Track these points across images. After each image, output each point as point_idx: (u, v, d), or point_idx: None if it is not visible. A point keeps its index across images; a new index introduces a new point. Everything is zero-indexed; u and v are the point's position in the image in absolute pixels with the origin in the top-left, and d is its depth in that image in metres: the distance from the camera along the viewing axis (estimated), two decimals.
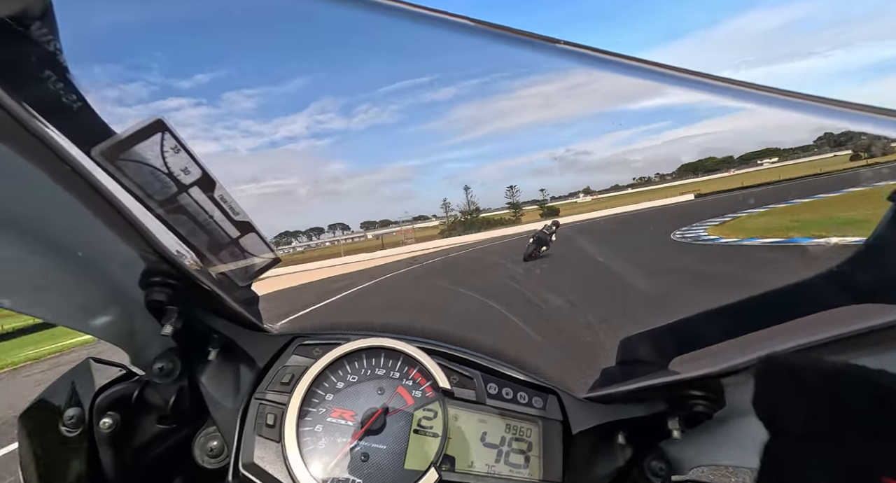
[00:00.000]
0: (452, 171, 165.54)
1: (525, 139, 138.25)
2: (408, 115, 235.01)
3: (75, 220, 0.43)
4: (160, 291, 0.57)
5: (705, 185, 29.31)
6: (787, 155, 28.38)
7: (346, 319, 0.87)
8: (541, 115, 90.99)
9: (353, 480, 0.60)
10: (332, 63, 22.96)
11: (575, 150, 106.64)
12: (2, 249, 0.45)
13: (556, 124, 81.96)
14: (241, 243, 0.59)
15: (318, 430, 0.64)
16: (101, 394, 0.65)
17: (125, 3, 0.44)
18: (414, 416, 0.66)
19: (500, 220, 32.64)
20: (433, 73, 48.97)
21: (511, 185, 30.94)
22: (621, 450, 0.68)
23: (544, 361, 1.10)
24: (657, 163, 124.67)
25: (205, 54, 10.54)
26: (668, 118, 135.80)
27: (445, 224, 30.76)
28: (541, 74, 0.54)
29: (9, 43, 0.31)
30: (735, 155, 34.24)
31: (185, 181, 0.49)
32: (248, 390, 0.67)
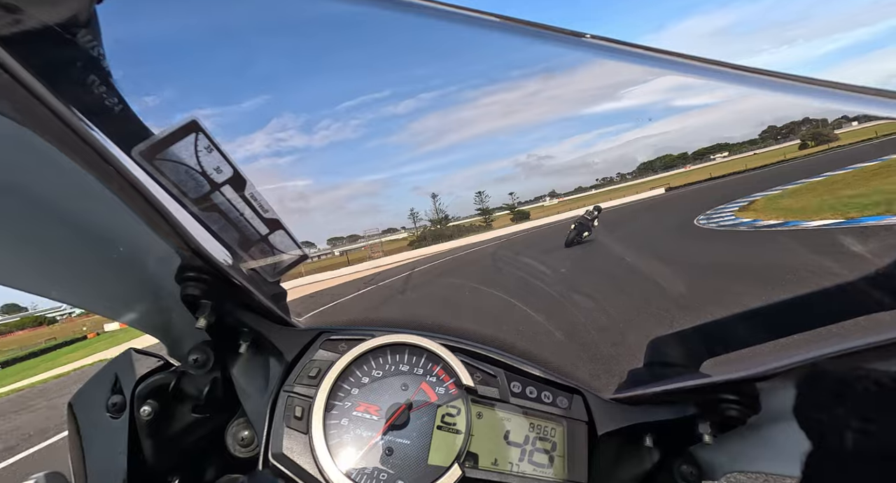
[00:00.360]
0: (419, 182, 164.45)
1: (488, 147, 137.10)
2: (371, 129, 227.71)
3: (118, 217, 0.45)
4: (195, 286, 0.59)
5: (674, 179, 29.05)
6: (737, 149, 28.42)
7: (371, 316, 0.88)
8: (502, 123, 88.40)
9: (378, 473, 0.61)
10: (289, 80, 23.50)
11: (537, 155, 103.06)
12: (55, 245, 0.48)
13: (518, 131, 79.62)
14: (270, 240, 0.61)
15: (344, 424, 0.65)
16: (141, 383, 0.68)
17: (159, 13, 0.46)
18: (437, 413, 0.66)
19: (471, 226, 32.99)
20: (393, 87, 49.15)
21: (479, 192, 30.67)
22: (649, 453, 0.66)
23: (569, 361, 1.08)
24: (617, 163, 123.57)
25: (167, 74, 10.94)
26: (625, 120, 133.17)
27: (414, 235, 30.95)
28: (499, 83, 0.53)
29: (58, 49, 0.33)
30: (689, 151, 34.83)
31: (217, 180, 0.51)
32: (276, 383, 0.69)
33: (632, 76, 0.43)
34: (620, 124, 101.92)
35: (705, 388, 0.57)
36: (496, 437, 0.66)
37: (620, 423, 0.67)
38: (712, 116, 6.00)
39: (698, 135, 50.07)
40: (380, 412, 0.66)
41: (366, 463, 0.62)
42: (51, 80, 0.31)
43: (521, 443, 0.66)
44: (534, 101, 39.57)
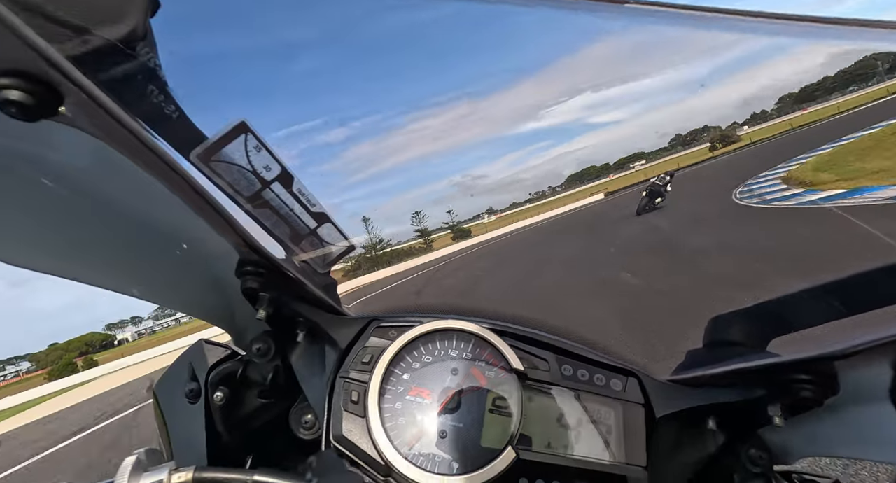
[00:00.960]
0: (356, 209, 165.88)
1: (423, 170, 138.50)
2: (304, 159, 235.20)
3: (182, 218, 0.49)
4: (253, 279, 0.63)
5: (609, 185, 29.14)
6: (653, 156, 28.09)
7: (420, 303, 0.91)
8: (434, 147, 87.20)
9: (433, 455, 0.63)
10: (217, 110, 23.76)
11: (472, 174, 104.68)
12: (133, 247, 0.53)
13: (450, 153, 79.06)
14: (318, 233, 0.63)
15: (398, 407, 0.67)
16: (212, 371, 0.74)
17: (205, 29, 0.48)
18: (488, 396, 0.67)
19: (410, 249, 32.25)
20: (324, 116, 49.47)
21: (416, 212, 29.87)
22: (713, 436, 0.63)
23: (622, 343, 1.05)
24: (546, 177, 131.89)
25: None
26: (550, 138, 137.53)
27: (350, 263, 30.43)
28: (425, 109, 0.52)
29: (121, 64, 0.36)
30: (611, 162, 35.28)
31: (267, 177, 0.54)
32: (333, 369, 0.72)
33: (549, 97, 0.40)
34: (545, 141, 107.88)
35: (775, 368, 0.53)
36: (549, 421, 0.66)
37: (680, 406, 0.64)
38: (625, 130, 5.63)
39: (616, 147, 52.88)
40: (431, 396, 0.67)
41: (421, 445, 0.64)
42: (116, 93, 0.33)
43: (575, 426, 0.66)
44: (463, 123, 39.50)
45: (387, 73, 33.36)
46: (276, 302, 0.67)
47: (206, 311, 0.71)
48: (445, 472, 0.61)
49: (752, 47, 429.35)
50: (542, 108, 37.11)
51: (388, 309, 0.80)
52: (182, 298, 0.68)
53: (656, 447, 0.64)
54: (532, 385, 0.68)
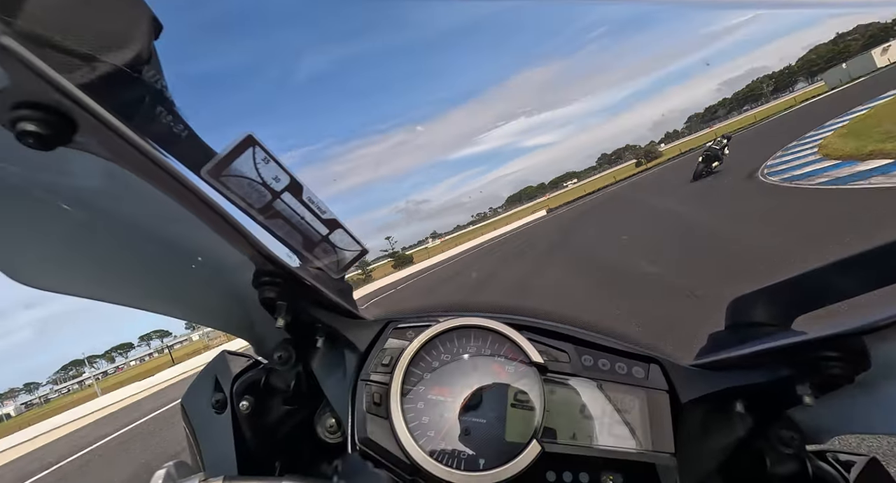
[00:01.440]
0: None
1: (365, 197, 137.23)
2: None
3: (198, 233, 0.50)
4: (270, 289, 0.64)
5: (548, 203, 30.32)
6: (583, 174, 29.66)
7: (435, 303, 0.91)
8: (375, 174, 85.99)
9: (458, 452, 0.63)
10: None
11: (415, 200, 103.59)
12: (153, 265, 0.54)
13: (392, 180, 78.55)
14: (330, 239, 0.64)
15: (421, 407, 0.67)
16: (237, 380, 0.75)
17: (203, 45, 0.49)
18: (509, 391, 0.67)
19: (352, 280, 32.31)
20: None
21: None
22: (741, 419, 0.62)
23: (641, 330, 1.03)
24: (486, 199, 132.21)
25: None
26: (487, 162, 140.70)
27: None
28: (366, 137, 0.52)
29: (129, 87, 0.37)
30: (546, 181, 36.09)
31: (277, 188, 0.54)
32: (353, 373, 0.73)
33: (484, 122, 0.40)
34: (483, 165, 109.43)
35: (802, 347, 0.52)
36: (572, 412, 0.66)
37: (705, 390, 0.64)
38: (556, 152, 5.63)
39: (549, 168, 53.24)
40: (453, 394, 0.68)
41: (445, 443, 0.64)
42: (127, 116, 0.34)
43: (599, 416, 0.65)
44: (404, 150, 39.63)
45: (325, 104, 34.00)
46: (293, 309, 0.68)
47: (226, 323, 0.72)
48: (472, 468, 0.62)
49: (661, 74, 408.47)
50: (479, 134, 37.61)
51: (405, 310, 0.81)
52: (203, 311, 0.69)
53: (683, 433, 0.64)
54: (553, 377, 0.68)
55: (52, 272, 0.48)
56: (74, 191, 0.41)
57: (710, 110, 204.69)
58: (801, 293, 0.59)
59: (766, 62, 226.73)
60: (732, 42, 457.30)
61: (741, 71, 26.88)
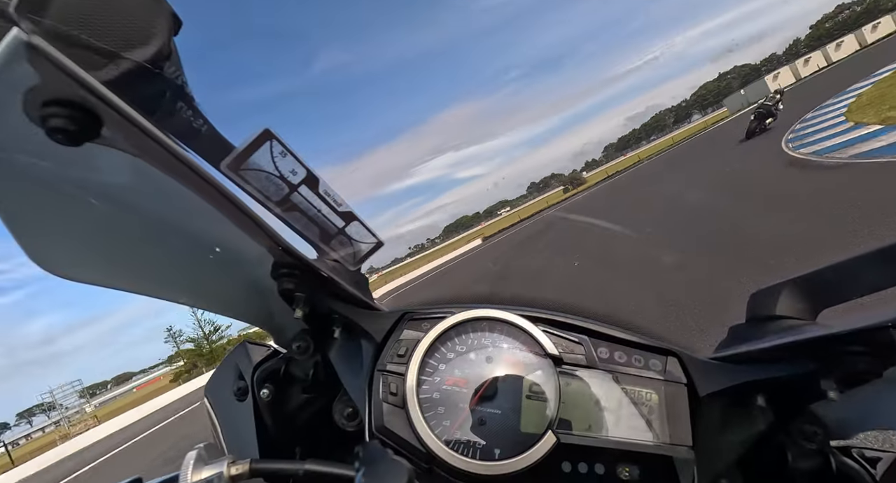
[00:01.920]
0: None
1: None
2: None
3: (219, 226, 0.51)
4: (288, 281, 0.65)
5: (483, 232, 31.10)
6: (516, 202, 30.08)
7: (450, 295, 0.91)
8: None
9: (474, 442, 0.64)
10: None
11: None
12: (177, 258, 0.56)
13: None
14: (346, 231, 0.65)
15: (436, 397, 0.68)
16: (257, 369, 0.77)
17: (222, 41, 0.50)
18: (524, 383, 0.67)
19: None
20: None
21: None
22: (762, 413, 0.61)
23: (659, 323, 1.01)
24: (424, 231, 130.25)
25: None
26: (419, 195, 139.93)
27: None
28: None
29: (151, 84, 0.38)
30: (480, 211, 35.84)
31: (294, 181, 0.55)
32: (370, 363, 0.74)
33: (417, 156, 0.39)
34: (418, 197, 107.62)
35: (827, 341, 0.51)
36: (587, 404, 0.66)
37: (725, 383, 0.63)
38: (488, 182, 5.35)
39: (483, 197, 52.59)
40: (468, 385, 0.68)
41: (461, 433, 0.65)
42: (149, 111, 0.35)
43: (615, 408, 0.65)
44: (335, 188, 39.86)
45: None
46: (311, 301, 0.69)
47: (246, 314, 0.74)
48: (487, 458, 0.62)
49: (578, 110, 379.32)
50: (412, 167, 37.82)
51: (420, 302, 0.81)
52: (224, 303, 0.71)
53: (702, 427, 0.63)
54: (568, 369, 0.68)
55: (80, 263, 0.50)
56: (101, 186, 0.42)
57: (622, 140, 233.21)
58: (827, 286, 0.58)
59: (662, 100, 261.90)
60: (631, 84, 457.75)
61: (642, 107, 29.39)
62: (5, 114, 0.32)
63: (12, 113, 0.31)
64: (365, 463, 0.34)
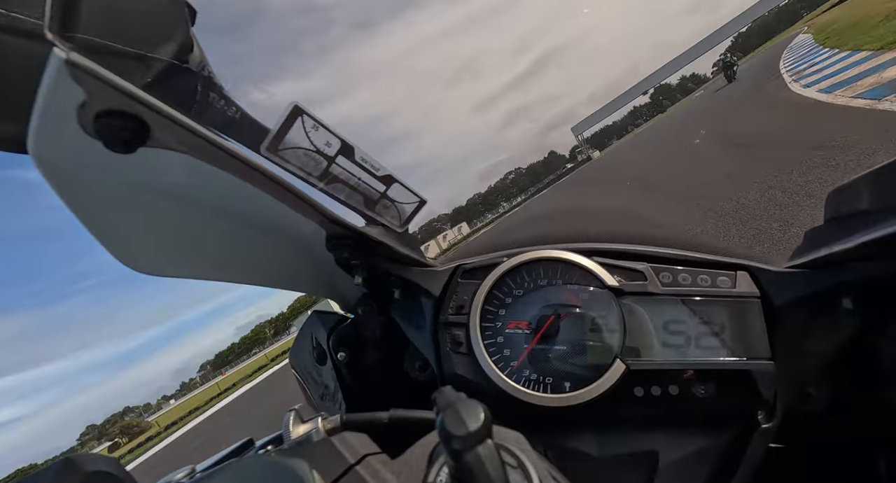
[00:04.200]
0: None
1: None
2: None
3: (270, 208, 0.53)
4: (342, 250, 0.68)
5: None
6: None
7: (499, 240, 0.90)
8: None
9: (543, 378, 0.67)
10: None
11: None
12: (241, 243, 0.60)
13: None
14: (388, 195, 0.65)
15: (500, 341, 0.71)
16: (331, 335, 0.84)
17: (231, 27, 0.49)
18: (586, 317, 0.68)
19: None
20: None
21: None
22: (850, 316, 0.58)
23: (725, 237, 0.94)
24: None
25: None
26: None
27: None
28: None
29: (181, 80, 0.39)
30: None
31: (330, 153, 0.56)
32: (432, 317, 0.77)
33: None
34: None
35: None
36: (654, 330, 0.65)
37: (803, 291, 0.59)
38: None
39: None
40: (530, 326, 0.70)
41: (529, 371, 0.68)
42: (186, 107, 0.36)
43: (684, 330, 0.65)
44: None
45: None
46: (367, 266, 0.72)
47: (312, 286, 0.79)
48: (558, 391, 0.65)
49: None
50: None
51: (473, 250, 0.82)
52: (290, 279, 0.76)
53: (782, 338, 0.61)
54: (630, 299, 0.67)
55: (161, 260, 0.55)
56: (163, 185, 0.45)
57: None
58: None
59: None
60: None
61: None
62: (66, 132, 0.34)
63: (71, 130, 0.34)
64: (442, 407, 0.37)
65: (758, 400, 0.60)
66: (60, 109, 0.31)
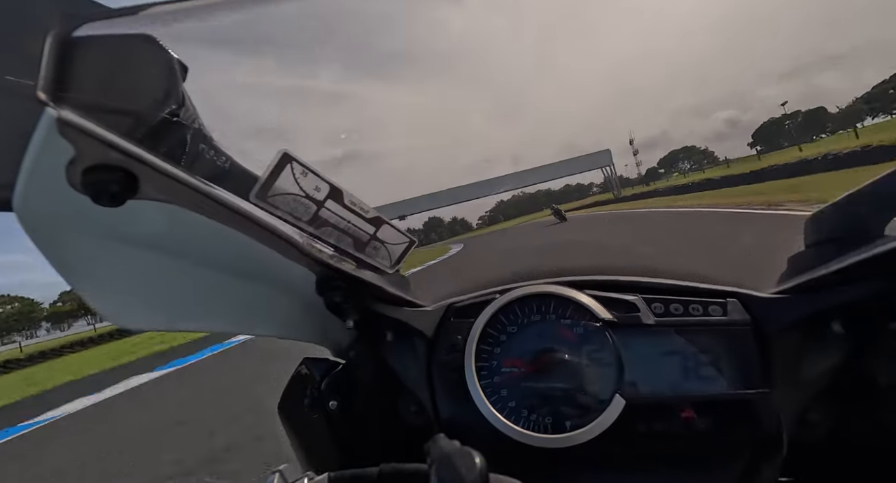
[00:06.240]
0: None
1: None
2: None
3: (259, 255, 0.53)
4: (334, 293, 0.67)
5: None
6: None
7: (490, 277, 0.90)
8: None
9: (543, 418, 0.65)
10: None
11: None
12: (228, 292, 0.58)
13: None
14: (378, 236, 0.66)
15: (497, 381, 0.69)
16: (322, 382, 0.80)
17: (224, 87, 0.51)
18: (582, 351, 0.67)
19: None
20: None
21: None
22: (840, 340, 0.58)
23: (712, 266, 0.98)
24: None
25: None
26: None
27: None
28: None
29: (172, 132, 0.39)
30: None
31: (319, 198, 0.56)
32: (426, 358, 0.76)
33: None
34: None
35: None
36: (651, 362, 0.65)
37: (793, 316, 0.60)
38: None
39: None
40: (526, 364, 0.69)
41: (528, 412, 0.66)
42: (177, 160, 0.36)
43: (681, 361, 0.64)
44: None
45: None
46: (359, 309, 0.71)
47: (303, 333, 0.77)
48: (559, 431, 0.63)
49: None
50: None
51: (462, 288, 0.82)
52: (279, 327, 0.74)
53: (777, 366, 0.61)
54: (624, 331, 0.67)
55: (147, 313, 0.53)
56: (149, 236, 0.44)
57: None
58: (892, 192, 0.53)
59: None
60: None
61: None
62: (53, 189, 0.33)
63: (58, 187, 0.33)
64: (435, 458, 0.35)
65: (761, 430, 0.59)
66: (49, 167, 0.31)
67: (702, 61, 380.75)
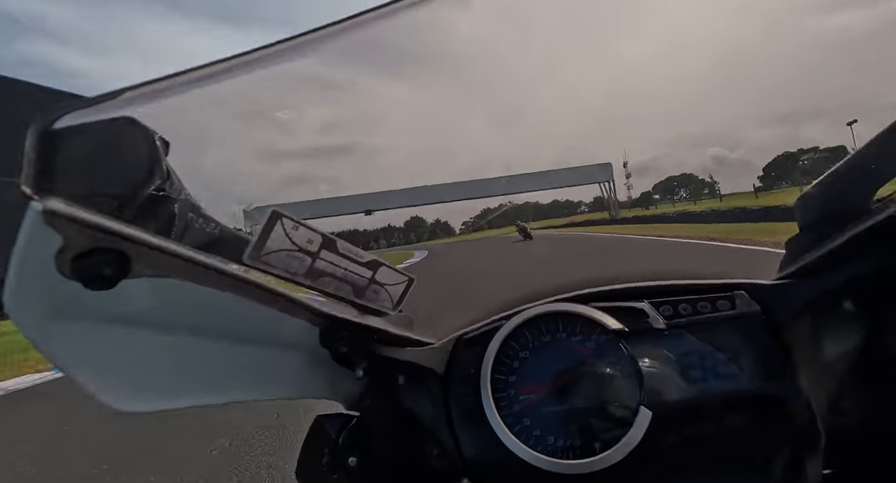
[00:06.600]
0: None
1: None
2: None
3: (259, 316, 0.52)
4: (339, 343, 0.65)
5: None
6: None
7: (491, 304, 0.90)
8: None
9: (572, 443, 0.62)
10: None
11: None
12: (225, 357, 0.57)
13: None
14: (376, 279, 0.65)
15: (517, 409, 0.67)
16: (338, 440, 0.77)
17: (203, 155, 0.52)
18: (598, 367, 0.66)
19: None
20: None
21: None
22: (855, 319, 0.58)
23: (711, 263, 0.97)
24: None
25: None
26: None
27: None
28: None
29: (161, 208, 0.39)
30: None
31: (313, 250, 0.56)
32: (442, 397, 0.73)
33: None
34: None
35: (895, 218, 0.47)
36: (668, 368, 0.64)
37: (802, 300, 0.60)
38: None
39: None
40: (543, 388, 0.67)
41: (555, 438, 0.63)
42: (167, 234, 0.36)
43: (699, 362, 0.63)
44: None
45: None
46: (366, 355, 0.69)
47: (311, 390, 0.74)
48: (590, 454, 0.60)
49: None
50: None
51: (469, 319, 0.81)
52: (286, 387, 0.72)
53: (794, 353, 0.60)
54: (637, 339, 0.66)
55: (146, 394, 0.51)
56: (142, 314, 0.43)
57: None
58: (873, 163, 0.54)
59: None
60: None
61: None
62: (43, 281, 0.33)
63: (48, 277, 0.33)
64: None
65: (795, 422, 0.58)
66: (37, 259, 0.31)
67: (703, 95, 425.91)
